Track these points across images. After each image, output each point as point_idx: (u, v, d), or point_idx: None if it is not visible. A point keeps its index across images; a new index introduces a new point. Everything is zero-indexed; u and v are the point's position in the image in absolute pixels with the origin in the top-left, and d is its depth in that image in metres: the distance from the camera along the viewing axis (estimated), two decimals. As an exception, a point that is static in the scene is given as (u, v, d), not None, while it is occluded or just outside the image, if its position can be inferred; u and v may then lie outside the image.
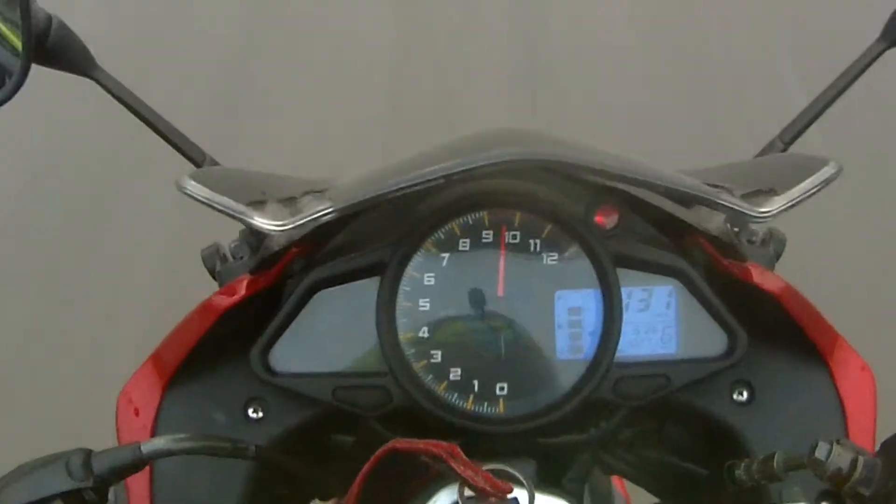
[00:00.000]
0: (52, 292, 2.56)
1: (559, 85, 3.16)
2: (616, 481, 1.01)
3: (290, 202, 0.63)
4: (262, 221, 0.59)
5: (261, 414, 0.70)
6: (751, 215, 0.59)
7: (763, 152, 0.83)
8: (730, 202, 0.59)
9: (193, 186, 0.61)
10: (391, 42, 3.36)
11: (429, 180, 0.57)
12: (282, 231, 0.59)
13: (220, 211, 0.60)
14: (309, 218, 0.59)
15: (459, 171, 0.57)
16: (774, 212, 0.59)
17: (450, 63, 3.26)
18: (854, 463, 0.55)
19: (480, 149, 0.59)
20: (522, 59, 3.28)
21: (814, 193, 0.60)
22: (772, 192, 0.60)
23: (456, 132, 0.68)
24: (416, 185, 0.57)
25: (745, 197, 0.60)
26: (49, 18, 0.75)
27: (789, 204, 0.59)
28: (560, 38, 3.37)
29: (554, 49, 3.30)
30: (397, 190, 0.58)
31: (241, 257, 0.75)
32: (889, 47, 0.81)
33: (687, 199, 0.61)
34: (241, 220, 0.60)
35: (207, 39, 3.41)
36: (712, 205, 0.60)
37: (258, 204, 0.61)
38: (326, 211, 0.59)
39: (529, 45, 3.35)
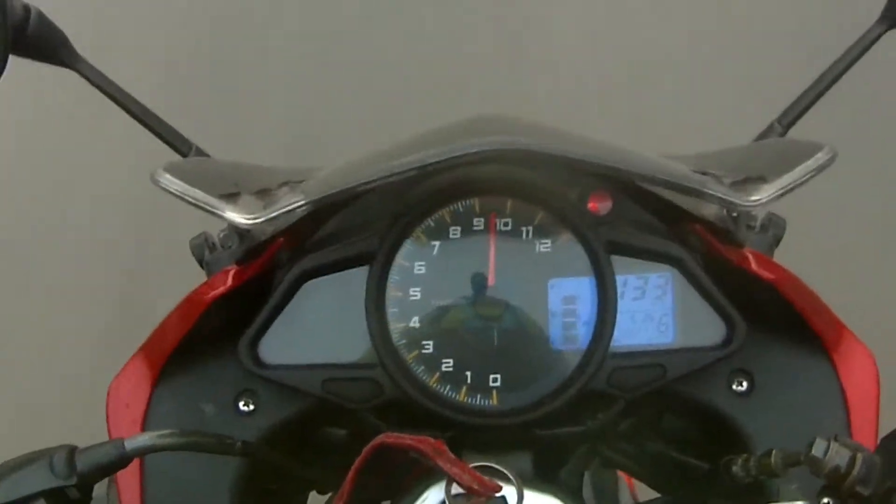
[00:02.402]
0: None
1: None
2: (622, 473, 1.00)
3: (264, 194, 0.62)
4: (233, 215, 0.59)
5: (252, 407, 0.69)
6: (738, 204, 0.57)
7: (762, 136, 0.81)
8: (717, 191, 0.57)
9: (167, 179, 0.60)
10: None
11: (400, 173, 0.55)
12: (252, 224, 0.58)
13: (192, 204, 0.59)
14: (280, 211, 0.58)
15: (431, 162, 0.55)
16: (764, 200, 0.57)
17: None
18: (852, 461, 0.53)
19: (458, 138, 0.57)
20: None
21: (806, 181, 0.58)
22: (761, 179, 0.58)
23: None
24: (388, 177, 0.56)
25: (734, 185, 0.58)
26: (27, 8, 0.74)
27: (779, 192, 0.58)
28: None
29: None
30: (368, 182, 0.56)
31: (230, 246, 0.74)
32: (889, 28, 0.79)
33: (670, 187, 0.59)
34: (212, 213, 0.59)
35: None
36: (698, 194, 0.58)
37: (231, 196, 0.60)
38: (298, 204, 0.58)
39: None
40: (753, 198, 0.57)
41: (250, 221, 0.58)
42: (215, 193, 0.60)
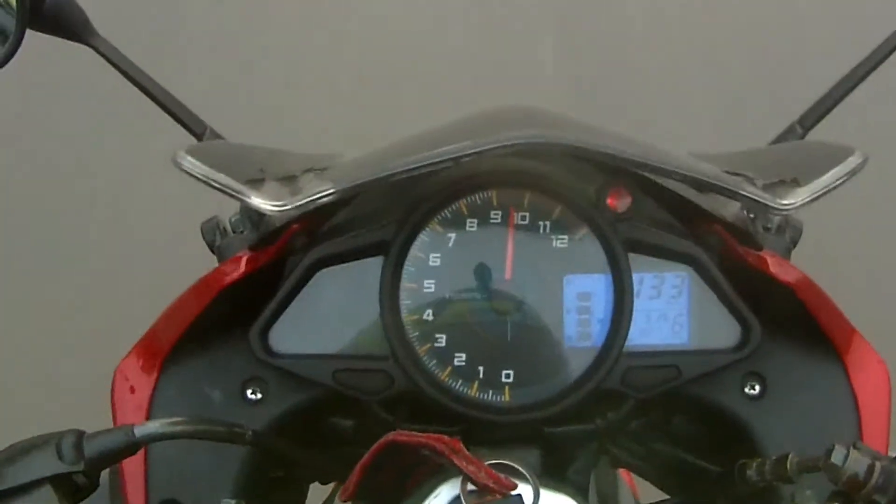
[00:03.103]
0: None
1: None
2: (624, 474, 1.00)
3: (289, 180, 0.61)
4: (259, 201, 0.58)
5: (259, 395, 0.68)
6: (773, 207, 0.57)
7: (781, 137, 0.81)
8: (751, 193, 0.57)
9: (190, 163, 0.59)
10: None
11: (436, 162, 0.55)
12: (280, 212, 0.57)
13: (217, 189, 0.58)
14: (309, 199, 0.57)
15: (469, 153, 0.54)
16: (798, 204, 0.57)
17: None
18: (871, 469, 0.53)
19: (490, 130, 0.56)
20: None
21: (839, 185, 0.58)
22: (794, 182, 0.58)
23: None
24: (422, 167, 0.55)
25: (766, 187, 0.58)
26: None
27: (813, 196, 0.57)
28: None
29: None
30: (403, 172, 0.55)
31: (242, 231, 0.73)
32: None
33: (704, 187, 0.58)
34: (238, 199, 0.59)
35: None
36: (733, 195, 0.57)
37: (257, 182, 0.59)
38: (327, 192, 0.57)
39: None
40: (787, 201, 0.57)
41: (278, 208, 0.57)
42: (240, 178, 0.59)
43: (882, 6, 2.06)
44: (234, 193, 0.58)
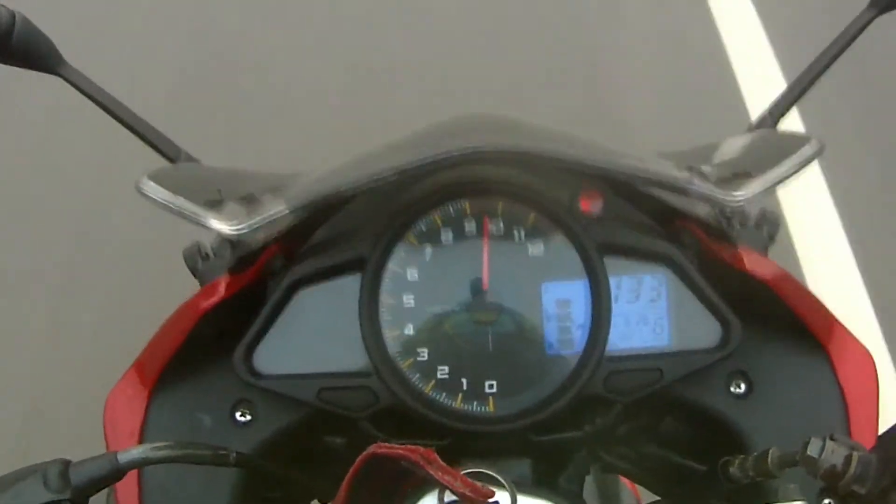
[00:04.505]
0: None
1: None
2: (625, 479, 0.99)
3: (248, 201, 0.61)
4: (216, 223, 0.58)
5: (249, 417, 0.69)
6: (723, 200, 0.56)
7: (756, 126, 0.80)
8: (700, 188, 0.56)
9: (151, 188, 0.59)
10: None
11: (379, 179, 0.55)
12: (236, 233, 0.57)
13: (176, 213, 0.59)
14: (261, 219, 0.57)
15: (410, 168, 0.55)
16: (748, 196, 0.57)
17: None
18: (848, 460, 0.52)
19: (442, 141, 0.57)
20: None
21: (792, 175, 0.58)
22: (747, 174, 0.58)
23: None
24: (366, 183, 0.55)
25: (719, 181, 0.57)
26: (12, 15, 0.73)
27: (764, 188, 0.57)
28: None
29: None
30: (347, 189, 0.56)
31: (223, 255, 0.74)
32: (879, 14, 0.78)
33: (652, 185, 0.58)
34: (196, 223, 0.59)
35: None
36: (683, 191, 0.57)
37: (215, 203, 0.59)
38: (279, 212, 0.57)
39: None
40: (738, 193, 0.57)
41: (233, 230, 0.57)
42: (199, 201, 0.59)
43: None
44: (192, 216, 0.58)
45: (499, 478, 0.57)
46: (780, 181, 0.58)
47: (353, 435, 0.72)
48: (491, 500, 0.55)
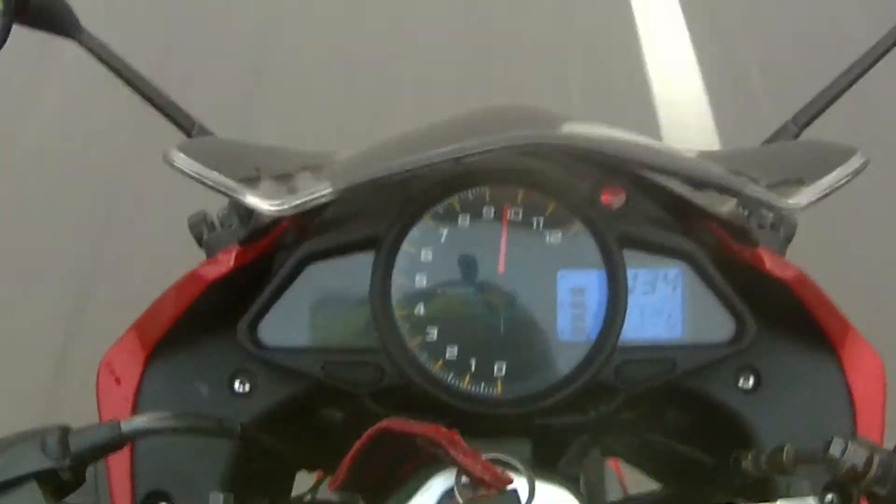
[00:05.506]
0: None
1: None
2: (612, 463, 1.00)
3: (285, 179, 0.61)
4: (256, 200, 0.57)
5: (247, 387, 0.68)
6: (780, 207, 0.56)
7: (776, 136, 0.80)
8: (756, 192, 0.56)
9: (182, 160, 0.58)
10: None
11: (437, 163, 0.54)
12: (278, 212, 0.56)
13: (210, 187, 0.57)
14: (306, 199, 0.56)
15: (471, 154, 0.54)
16: (804, 203, 0.56)
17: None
18: (869, 461, 0.53)
19: (489, 128, 0.56)
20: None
21: (843, 185, 0.58)
22: (799, 182, 0.58)
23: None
24: (422, 167, 0.55)
25: (770, 187, 0.57)
26: None
27: (819, 195, 0.57)
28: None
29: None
30: (402, 172, 0.55)
31: (230, 226, 0.72)
32: None
33: (706, 186, 0.58)
34: (233, 198, 0.57)
35: None
36: (737, 194, 0.57)
37: (252, 180, 0.58)
38: (325, 192, 0.56)
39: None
40: (793, 200, 0.56)
41: (276, 208, 0.56)
42: (234, 176, 0.58)
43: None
44: (228, 192, 0.57)
45: (518, 465, 0.57)
46: (833, 190, 0.58)
47: (352, 410, 0.71)
48: (509, 487, 0.54)
